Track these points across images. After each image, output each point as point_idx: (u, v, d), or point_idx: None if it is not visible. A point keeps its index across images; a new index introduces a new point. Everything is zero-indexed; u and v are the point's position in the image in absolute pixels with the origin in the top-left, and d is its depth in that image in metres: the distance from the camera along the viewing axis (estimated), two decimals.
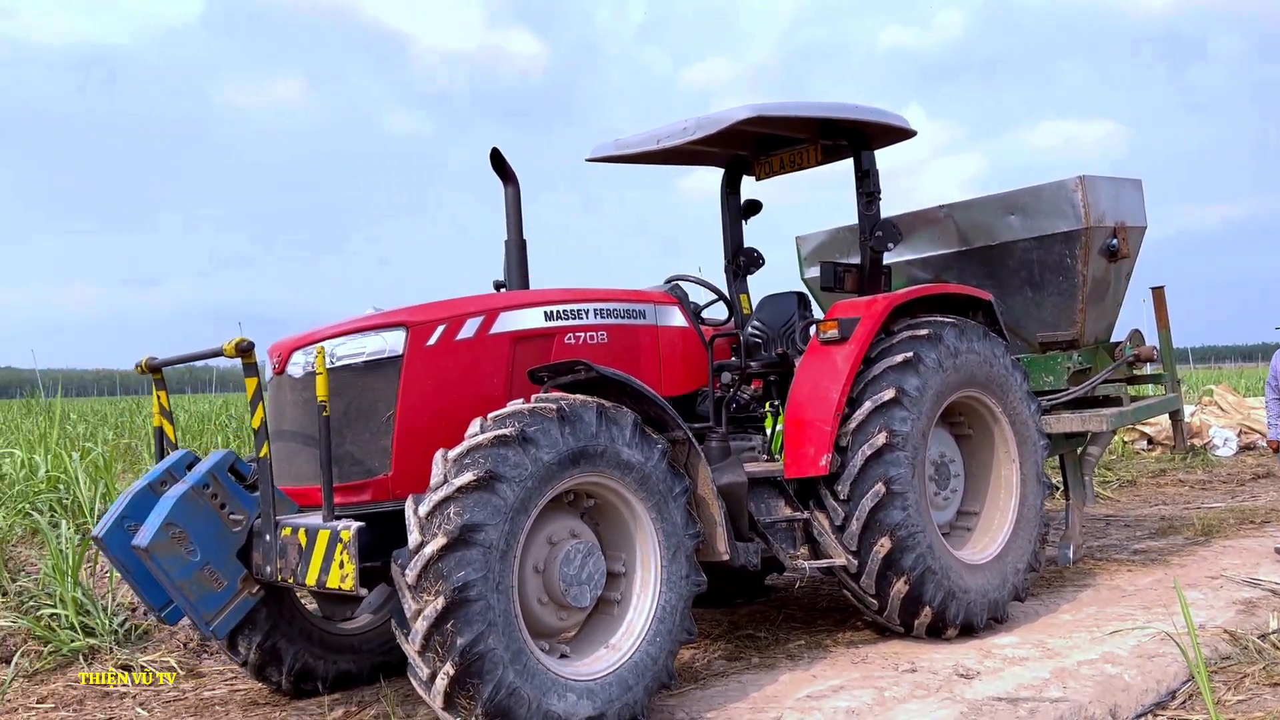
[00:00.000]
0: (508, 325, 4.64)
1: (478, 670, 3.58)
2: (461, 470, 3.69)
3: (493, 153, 5.31)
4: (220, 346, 4.00)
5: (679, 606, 4.25)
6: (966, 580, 5.43)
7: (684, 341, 5.44)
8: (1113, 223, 6.85)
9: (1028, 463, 5.89)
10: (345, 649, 5.06)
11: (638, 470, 4.13)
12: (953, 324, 5.59)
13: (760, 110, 5.33)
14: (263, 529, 4.00)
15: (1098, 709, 4.48)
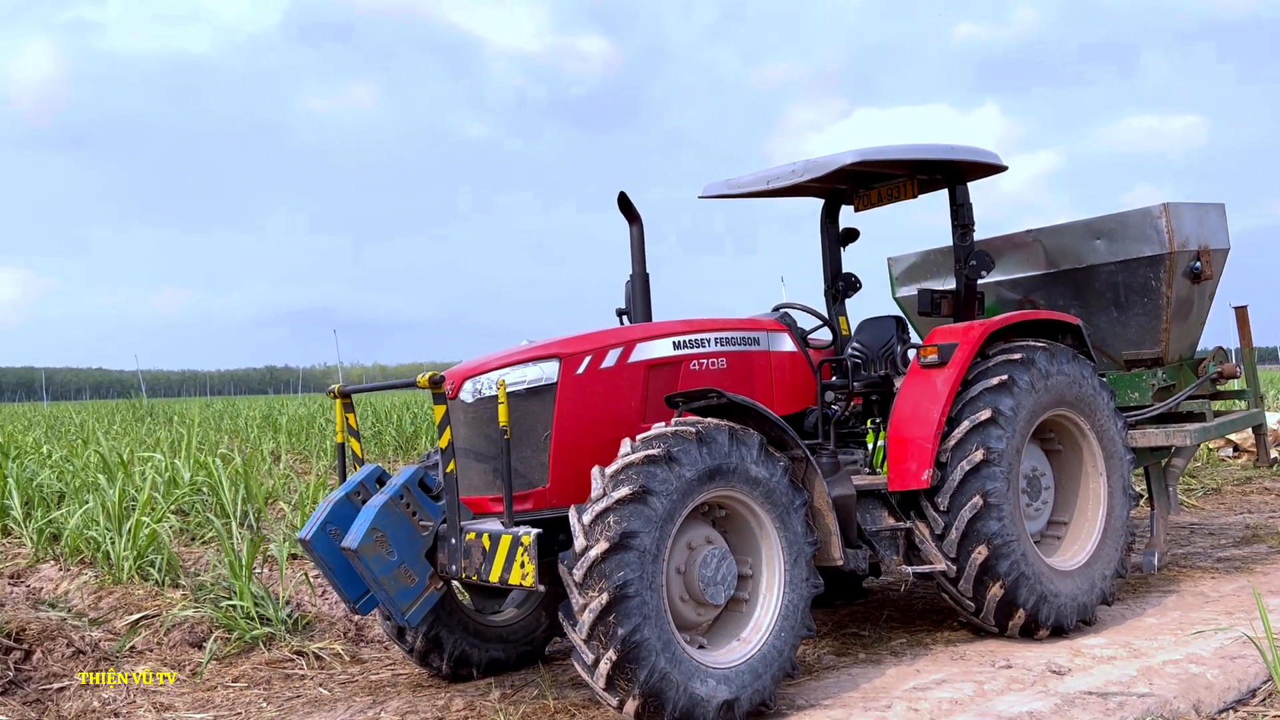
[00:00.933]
0: (643, 355, 5.25)
1: (635, 656, 4.19)
2: (618, 485, 4.31)
3: (620, 196, 5.93)
4: (414, 379, 4.69)
5: (800, 606, 4.82)
6: (1057, 585, 5.88)
7: (793, 365, 5.99)
8: (1196, 246, 7.19)
9: (1114, 476, 6.32)
10: (495, 639, 5.72)
11: (764, 485, 4.71)
12: (1044, 348, 6.05)
13: (864, 155, 5.87)
14: (448, 533, 4.67)
15: (1182, 704, 4.91)
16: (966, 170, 6.44)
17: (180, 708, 5.49)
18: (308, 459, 14.67)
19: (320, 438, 17.05)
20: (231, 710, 5.42)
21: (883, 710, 4.73)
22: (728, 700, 4.44)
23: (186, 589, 7.14)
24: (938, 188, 6.60)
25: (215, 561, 7.70)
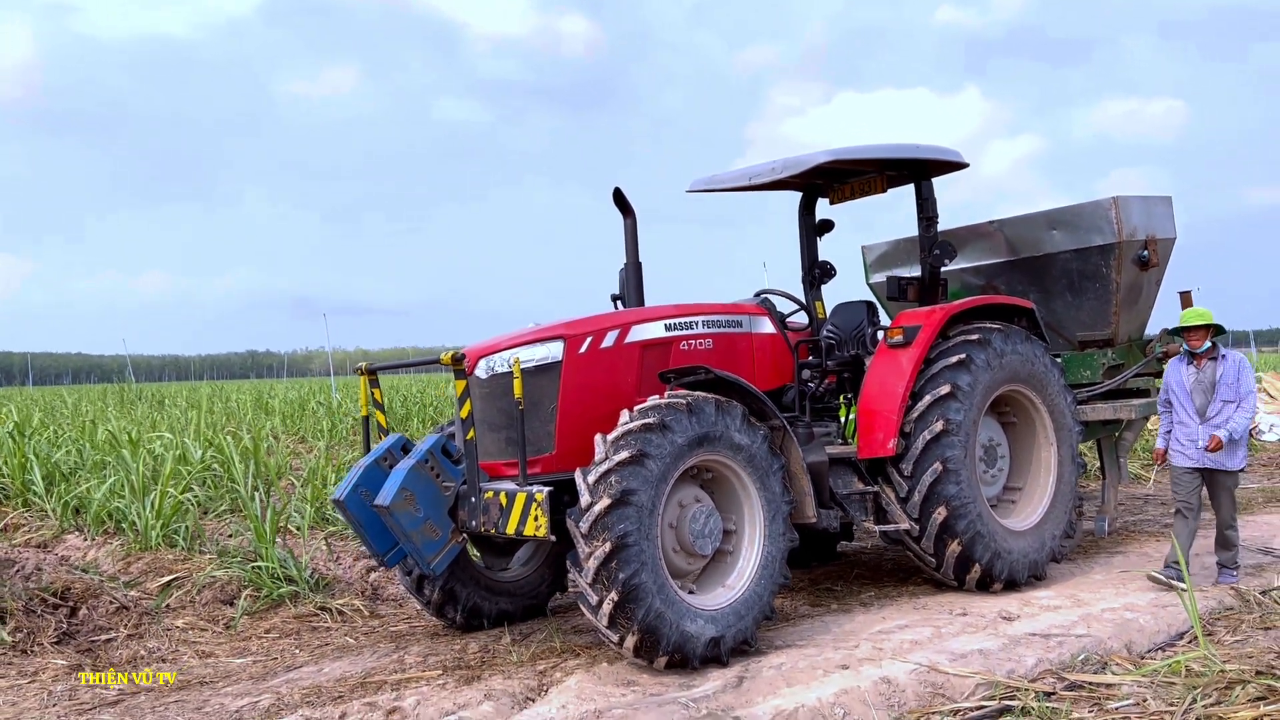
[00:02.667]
0: (638, 336, 5.85)
1: (634, 597, 4.80)
2: (619, 449, 4.91)
3: (615, 191, 6.51)
4: (437, 356, 5.28)
5: (778, 557, 5.44)
6: (1011, 544, 6.53)
7: (773, 345, 6.60)
8: (1144, 236, 7.82)
9: (1064, 446, 6.97)
10: (504, 593, 6.33)
11: (746, 451, 5.32)
12: (999, 329, 6.68)
13: (838, 154, 6.47)
14: (468, 493, 5.26)
15: (1115, 644, 5.55)
16: (931, 167, 7.04)
17: (221, 655, 6.08)
18: (304, 439, 15.17)
19: (314, 420, 17.54)
20: (268, 656, 6.02)
21: (851, 649, 5.37)
22: (714, 637, 5.07)
23: (212, 554, 7.71)
24: (905, 183, 7.20)
25: (237, 529, 8.27)
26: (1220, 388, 6.37)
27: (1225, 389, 6.37)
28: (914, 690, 4.77)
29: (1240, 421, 6.35)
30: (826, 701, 4.58)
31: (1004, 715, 4.54)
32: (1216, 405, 6.38)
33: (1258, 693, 4.46)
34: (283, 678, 5.52)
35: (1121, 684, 4.79)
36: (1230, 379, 6.37)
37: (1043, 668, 5.11)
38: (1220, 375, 6.39)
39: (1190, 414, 6.47)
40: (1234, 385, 6.37)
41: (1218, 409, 6.37)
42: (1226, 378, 6.37)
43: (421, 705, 4.73)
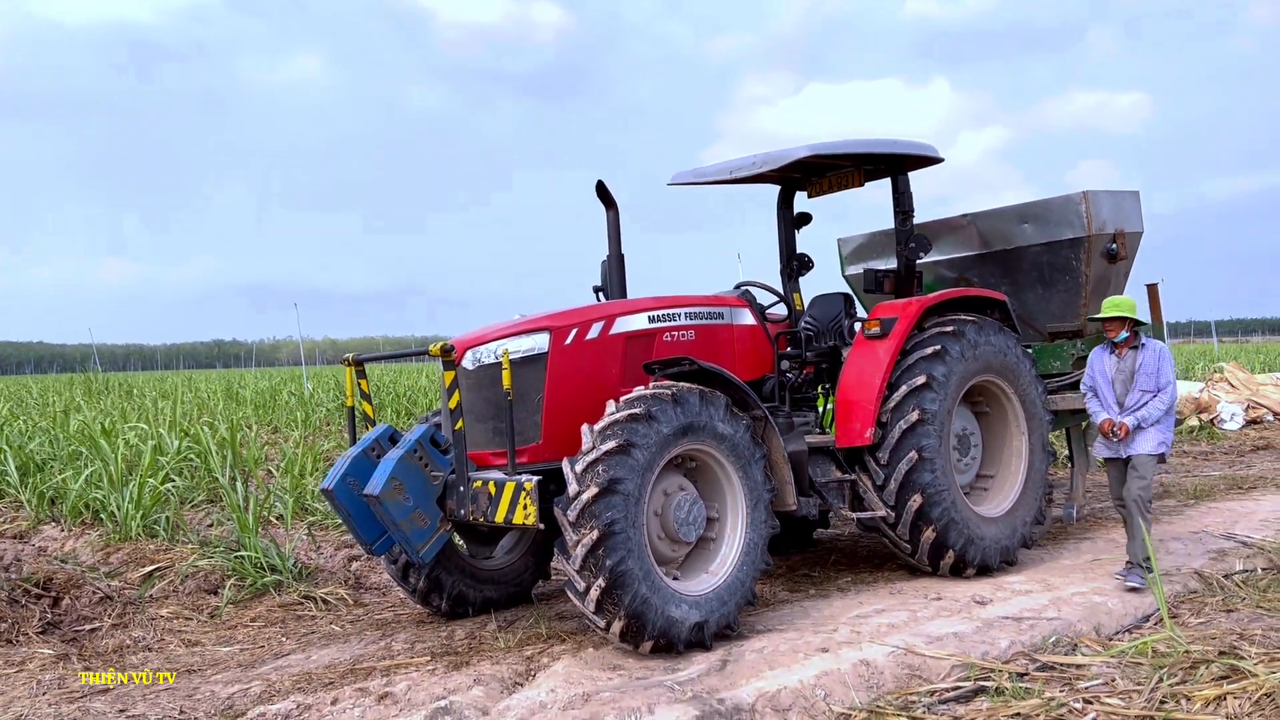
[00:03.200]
0: (622, 327, 5.95)
1: (620, 584, 4.91)
2: (606, 439, 5.01)
3: (598, 184, 6.60)
4: (425, 348, 5.35)
5: (759, 544, 5.57)
6: (983, 530, 6.70)
7: (753, 337, 6.72)
8: (1113, 230, 8.01)
9: (1035, 435, 7.15)
10: (489, 580, 6.42)
11: (729, 440, 5.44)
12: (973, 321, 6.84)
13: (816, 149, 6.58)
14: (457, 482, 5.34)
15: (1084, 626, 5.74)
16: (908, 162, 7.18)
17: (207, 644, 6.13)
18: (277, 429, 15.15)
19: (287, 410, 17.50)
20: (255, 644, 6.08)
21: (829, 633, 5.51)
22: (698, 622, 5.19)
23: (193, 544, 7.74)
24: (881, 177, 7.34)
25: (217, 519, 8.30)
26: (1139, 377, 6.32)
27: (1144, 379, 6.31)
28: (892, 672, 4.92)
29: (1153, 410, 6.27)
30: (808, 683, 4.71)
31: (979, 695, 4.70)
32: (1135, 395, 6.33)
33: (1221, 672, 4.64)
34: (271, 665, 5.59)
35: (1091, 665, 4.96)
36: (1150, 369, 6.31)
37: (1015, 649, 5.27)
38: (1140, 365, 6.33)
39: (1111, 403, 6.42)
40: (1153, 375, 6.30)
41: (1136, 399, 6.32)
42: (1146, 367, 6.32)
43: (412, 690, 4.82)
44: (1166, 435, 6.38)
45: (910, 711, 4.53)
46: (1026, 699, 4.53)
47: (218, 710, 4.84)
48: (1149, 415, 6.28)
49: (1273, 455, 12.93)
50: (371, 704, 4.67)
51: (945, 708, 4.59)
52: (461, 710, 4.50)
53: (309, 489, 8.97)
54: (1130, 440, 6.35)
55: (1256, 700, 4.32)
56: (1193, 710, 4.30)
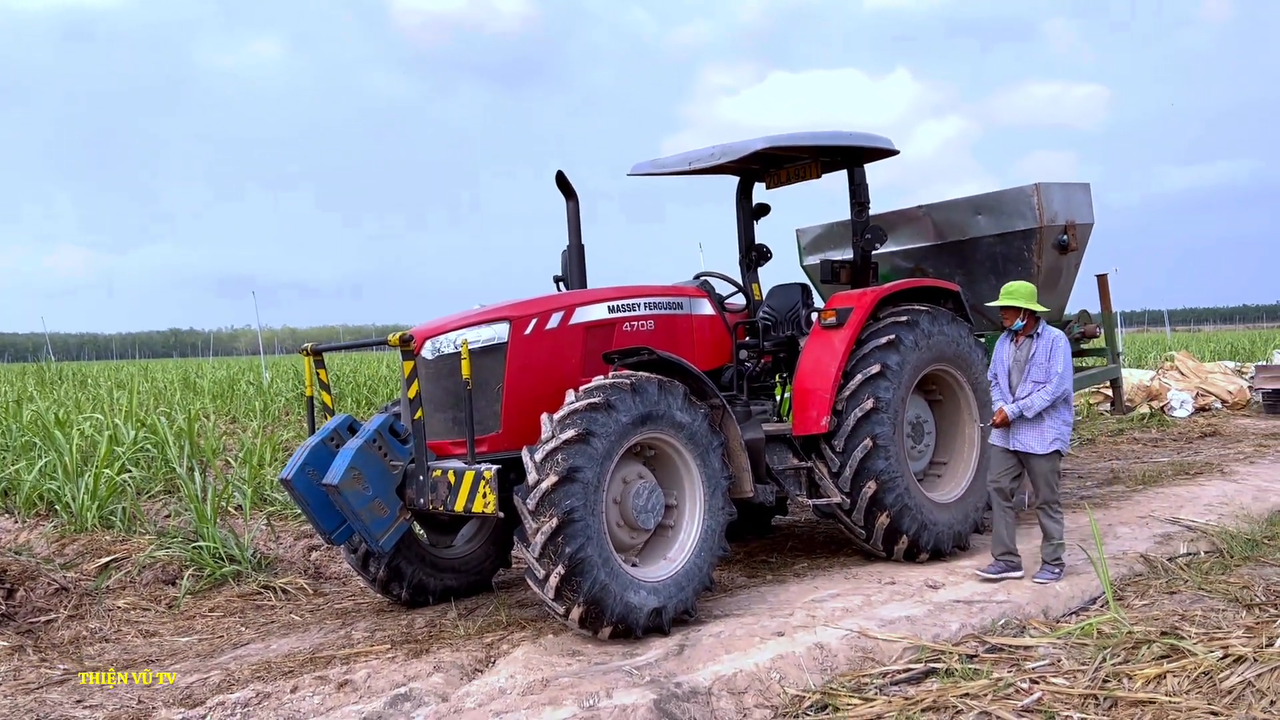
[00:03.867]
0: (582, 317, 5.99)
1: (579, 570, 4.97)
2: (565, 428, 5.05)
3: (558, 175, 6.63)
4: (384, 337, 5.36)
5: (717, 530, 5.65)
6: (936, 515, 6.84)
7: (712, 326, 6.79)
8: (1064, 221, 8.18)
9: (987, 422, 7.28)
10: (449, 569, 6.45)
11: (687, 429, 5.51)
12: (927, 311, 6.96)
13: (773, 141, 6.66)
14: (416, 471, 5.37)
15: (1033, 609, 5.89)
16: (864, 154, 7.28)
17: (165, 634, 6.11)
18: (235, 419, 15.02)
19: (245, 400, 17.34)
20: (214, 634, 6.07)
21: (786, 617, 5.61)
22: (656, 608, 5.27)
23: (150, 535, 7.69)
24: (838, 169, 7.43)
25: (175, 510, 8.25)
26: (1031, 367, 6.21)
27: (1036, 369, 6.18)
28: (845, 655, 5.03)
29: (1037, 401, 6.13)
30: (763, 666, 4.81)
31: (929, 677, 4.82)
32: (1026, 385, 6.23)
33: (1162, 652, 4.80)
34: (230, 655, 5.59)
35: (1038, 646, 5.10)
36: (1041, 359, 6.19)
37: (966, 632, 5.41)
38: (1033, 354, 6.23)
39: (1005, 391, 6.34)
40: (1044, 365, 6.17)
41: (1027, 389, 6.23)
42: (1037, 357, 6.21)
43: (372, 678, 4.85)
44: (1061, 430, 6.24)
45: (862, 693, 4.64)
46: (975, 679, 4.66)
47: (176, 700, 4.84)
48: (1031, 405, 6.14)
49: (1219, 442, 13.25)
50: (331, 692, 4.70)
51: (896, 689, 4.70)
52: (421, 697, 4.54)
53: (268, 479, 8.93)
54: (1017, 432, 6.26)
55: (1195, 679, 4.48)
56: (1134, 689, 4.44)
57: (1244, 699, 4.25)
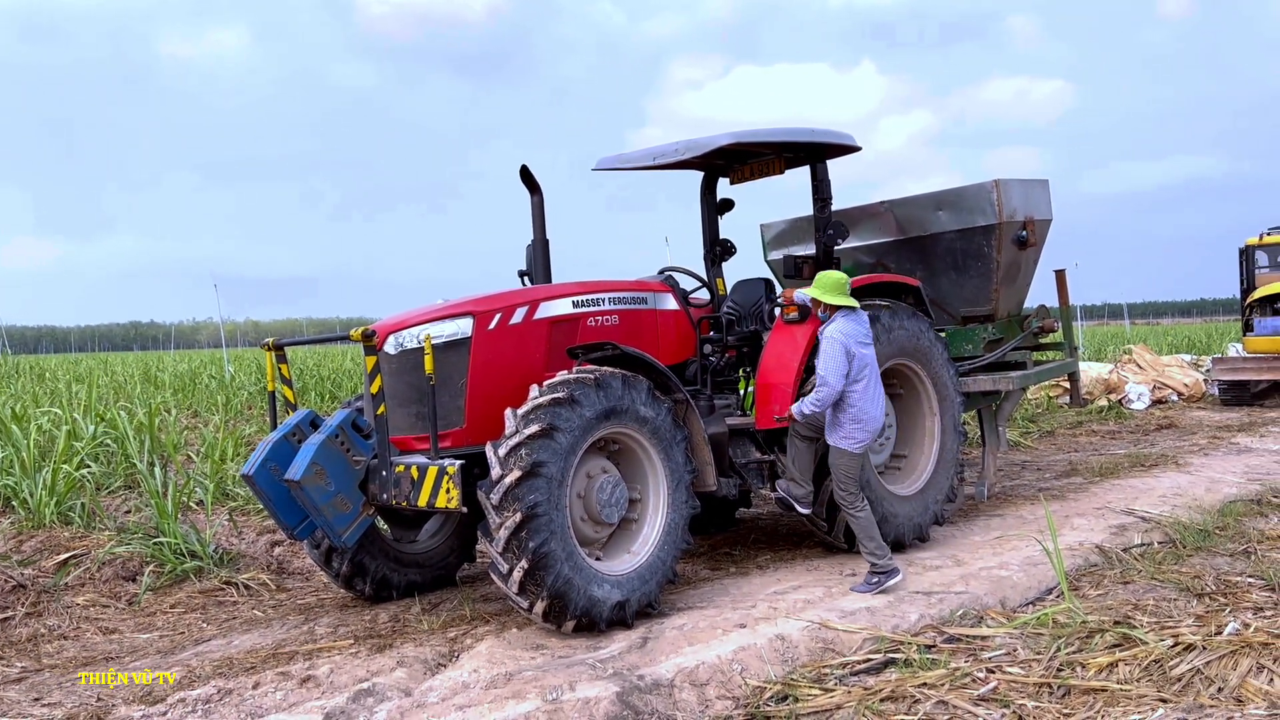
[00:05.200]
0: (547, 312, 6.01)
1: (543, 565, 5.00)
2: (529, 423, 5.07)
3: (522, 169, 6.63)
4: (347, 332, 5.35)
5: (680, 524, 5.70)
6: (897, 508, 6.93)
7: (676, 321, 6.83)
8: (1023, 217, 8.29)
9: (946, 416, 7.40)
10: (413, 564, 6.44)
11: (651, 423, 5.55)
12: (887, 306, 7.04)
13: (738, 137, 6.70)
14: (379, 466, 5.36)
15: (990, 599, 5.98)
16: (826, 150, 7.34)
17: (125, 631, 6.06)
18: (197, 413, 14.86)
19: (207, 393, 17.15)
20: (175, 631, 6.03)
21: (748, 609, 5.66)
22: (620, 601, 5.30)
23: (110, 531, 7.61)
24: (801, 165, 7.49)
25: (136, 505, 8.17)
26: (815, 361, 6.08)
27: (817, 363, 6.01)
28: (806, 646, 5.09)
29: (805, 404, 6.02)
30: (725, 658, 4.86)
31: (888, 667, 4.89)
32: (811, 378, 6.23)
33: (1114, 640, 4.90)
34: (191, 651, 5.56)
35: (995, 636, 5.19)
36: (818, 354, 6.02)
37: (924, 623, 5.49)
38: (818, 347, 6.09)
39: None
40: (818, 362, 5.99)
41: (809, 381, 6.26)
42: (817, 351, 6.09)
43: (335, 673, 4.85)
44: (849, 429, 6.03)
45: (823, 683, 4.70)
46: (933, 669, 4.73)
47: (136, 697, 4.81)
48: (800, 408, 6.08)
49: (1175, 434, 13.51)
50: (293, 687, 4.69)
51: (856, 679, 4.77)
52: (384, 691, 4.55)
53: (230, 474, 8.86)
54: (829, 425, 6.15)
55: (1145, 666, 4.58)
56: (1087, 677, 4.54)
57: (1193, 686, 4.36)
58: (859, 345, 6.05)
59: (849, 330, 6.03)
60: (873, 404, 6.08)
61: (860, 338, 6.09)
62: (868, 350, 6.13)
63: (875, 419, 6.10)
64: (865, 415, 6.05)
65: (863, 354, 6.05)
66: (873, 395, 6.08)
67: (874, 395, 6.09)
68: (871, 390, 6.08)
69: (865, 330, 6.16)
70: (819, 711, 4.40)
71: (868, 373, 6.07)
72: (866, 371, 6.06)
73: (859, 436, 6.06)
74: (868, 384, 6.05)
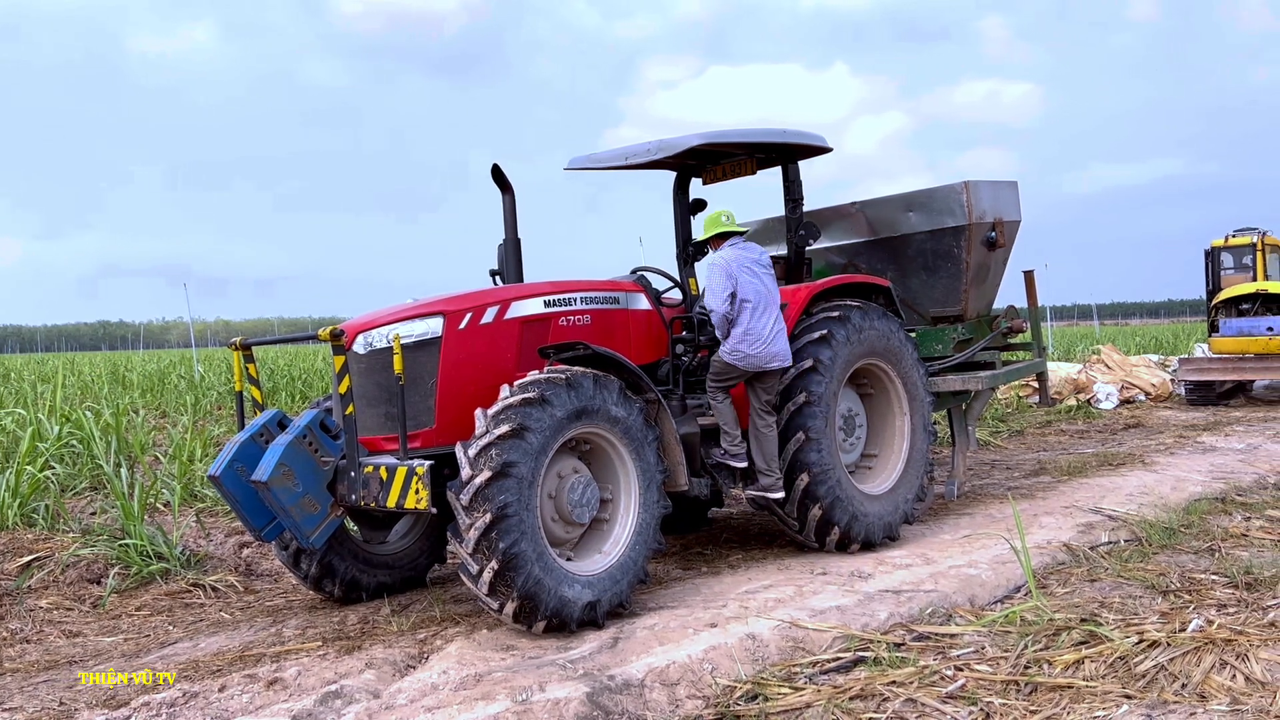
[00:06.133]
0: (518, 312, 5.98)
1: (514, 566, 4.98)
2: (499, 423, 5.05)
3: (494, 168, 6.61)
4: (316, 331, 5.30)
5: (652, 524, 5.70)
6: (867, 507, 6.96)
7: (649, 321, 6.83)
8: (992, 218, 8.36)
9: (916, 415, 7.44)
10: (382, 565, 6.40)
11: (623, 423, 5.54)
12: (858, 306, 7.07)
13: (709, 138, 6.71)
14: (348, 467, 5.32)
15: (959, 598, 6.02)
16: (797, 151, 7.37)
17: (90, 634, 5.98)
18: (166, 414, 14.71)
19: (175, 394, 16.98)
20: (140, 634, 5.95)
21: (719, 609, 5.67)
22: (591, 601, 5.29)
23: (75, 533, 7.51)
24: (772, 165, 7.52)
25: (101, 507, 8.07)
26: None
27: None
28: (777, 645, 5.10)
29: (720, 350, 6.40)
30: (696, 658, 4.86)
31: (858, 665, 4.91)
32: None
33: (1081, 638, 4.94)
34: (157, 654, 5.50)
35: (964, 634, 5.22)
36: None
37: (894, 621, 5.51)
38: None
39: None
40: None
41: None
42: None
43: (303, 675, 4.81)
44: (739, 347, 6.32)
45: (793, 682, 4.71)
46: (902, 667, 4.75)
47: (99, 701, 4.75)
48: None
49: (1142, 433, 13.66)
50: (260, 690, 4.65)
51: (826, 678, 4.79)
52: (352, 693, 4.51)
53: (198, 475, 8.77)
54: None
55: (1111, 663, 4.63)
56: (1054, 674, 4.57)
57: (1157, 682, 4.40)
58: (741, 269, 6.29)
59: (729, 255, 6.32)
60: (765, 327, 6.31)
61: (744, 263, 6.33)
62: (755, 278, 6.33)
63: (768, 341, 6.30)
64: (755, 333, 6.29)
65: (748, 280, 6.28)
66: (767, 321, 6.31)
67: (768, 322, 6.32)
68: (765, 317, 6.31)
69: (752, 257, 6.39)
70: (789, 710, 4.40)
71: (760, 298, 6.29)
72: (757, 297, 6.29)
73: (744, 351, 6.28)
74: (760, 309, 6.27)
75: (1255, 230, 17.42)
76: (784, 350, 6.39)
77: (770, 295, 6.34)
